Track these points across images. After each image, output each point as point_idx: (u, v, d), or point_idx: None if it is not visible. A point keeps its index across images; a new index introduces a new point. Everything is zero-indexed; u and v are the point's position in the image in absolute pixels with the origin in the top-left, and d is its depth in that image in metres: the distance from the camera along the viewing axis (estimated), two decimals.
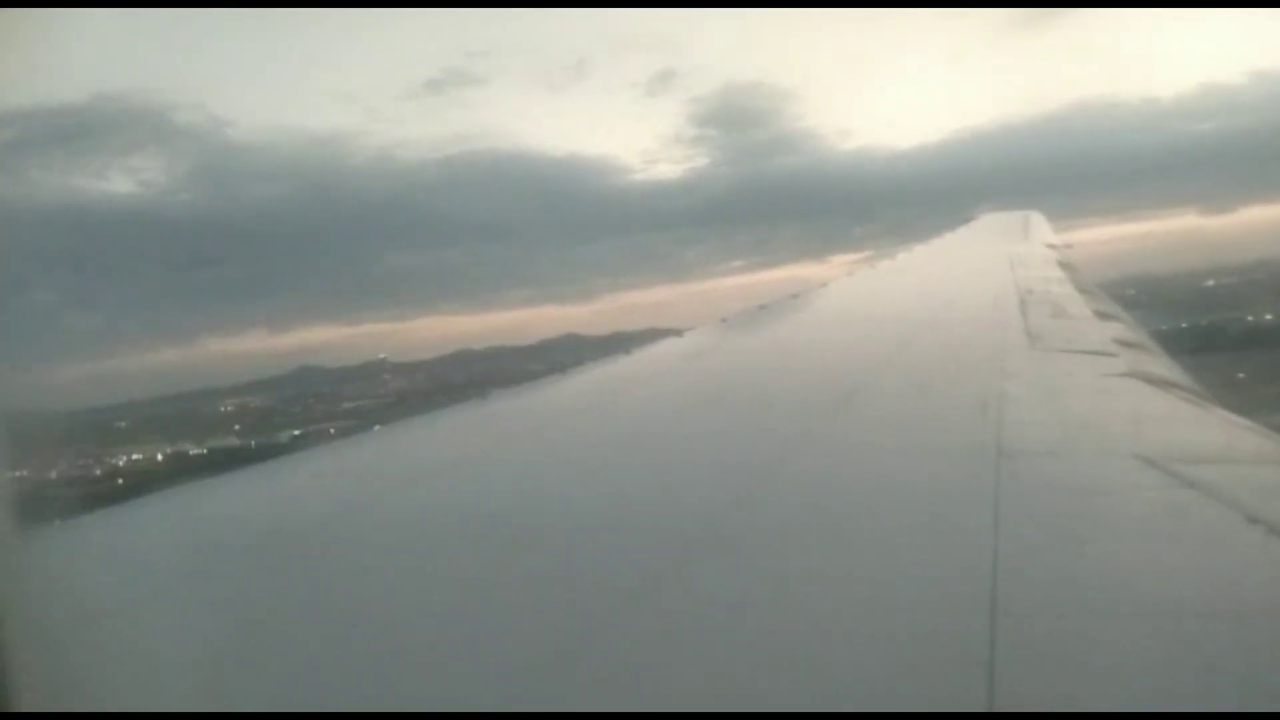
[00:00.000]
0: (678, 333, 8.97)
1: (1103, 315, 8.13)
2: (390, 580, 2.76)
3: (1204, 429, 4.09)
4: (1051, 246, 15.58)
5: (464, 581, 2.70)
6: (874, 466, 3.74)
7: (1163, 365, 6.08)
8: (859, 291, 12.52)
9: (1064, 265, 12.62)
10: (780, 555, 2.76)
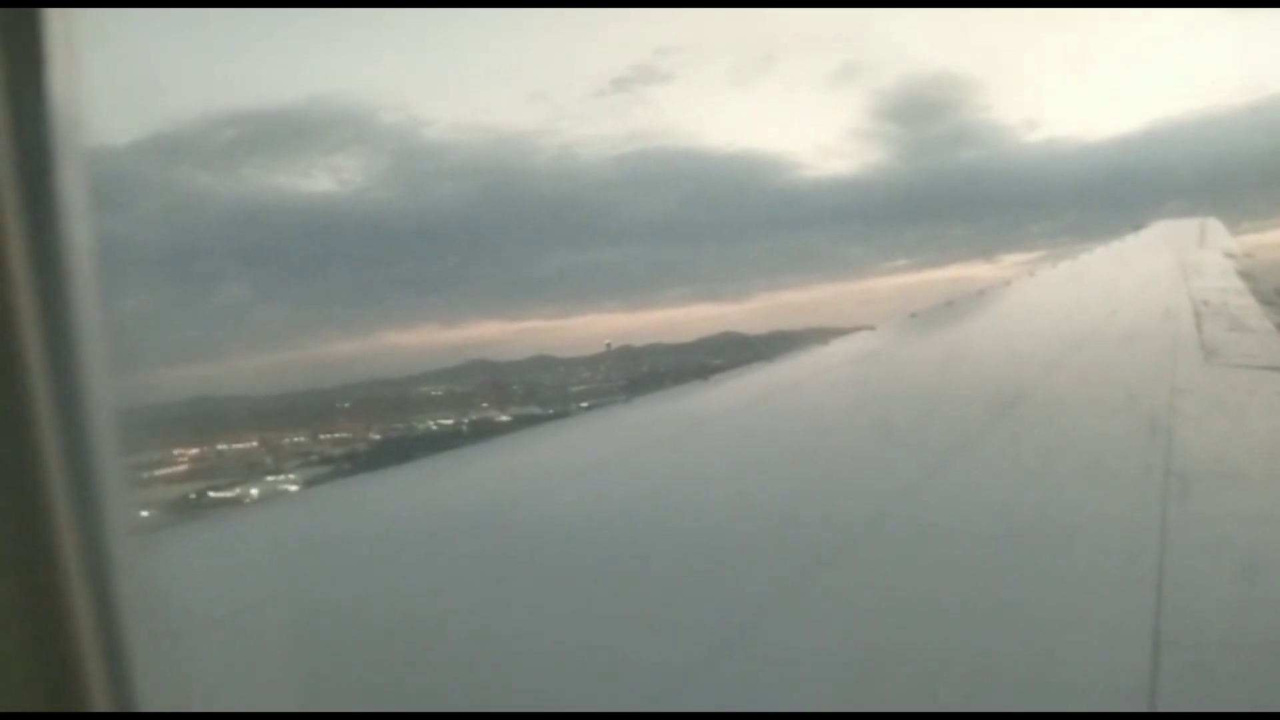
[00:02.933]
0: (842, 332, 9.25)
1: None
2: (549, 580, 2.84)
3: None
4: (1230, 255, 14.59)
5: (634, 578, 2.80)
6: (1033, 482, 3.63)
7: None
8: (1030, 297, 12.17)
9: (1244, 275, 11.80)
10: (925, 566, 2.74)
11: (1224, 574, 2.52)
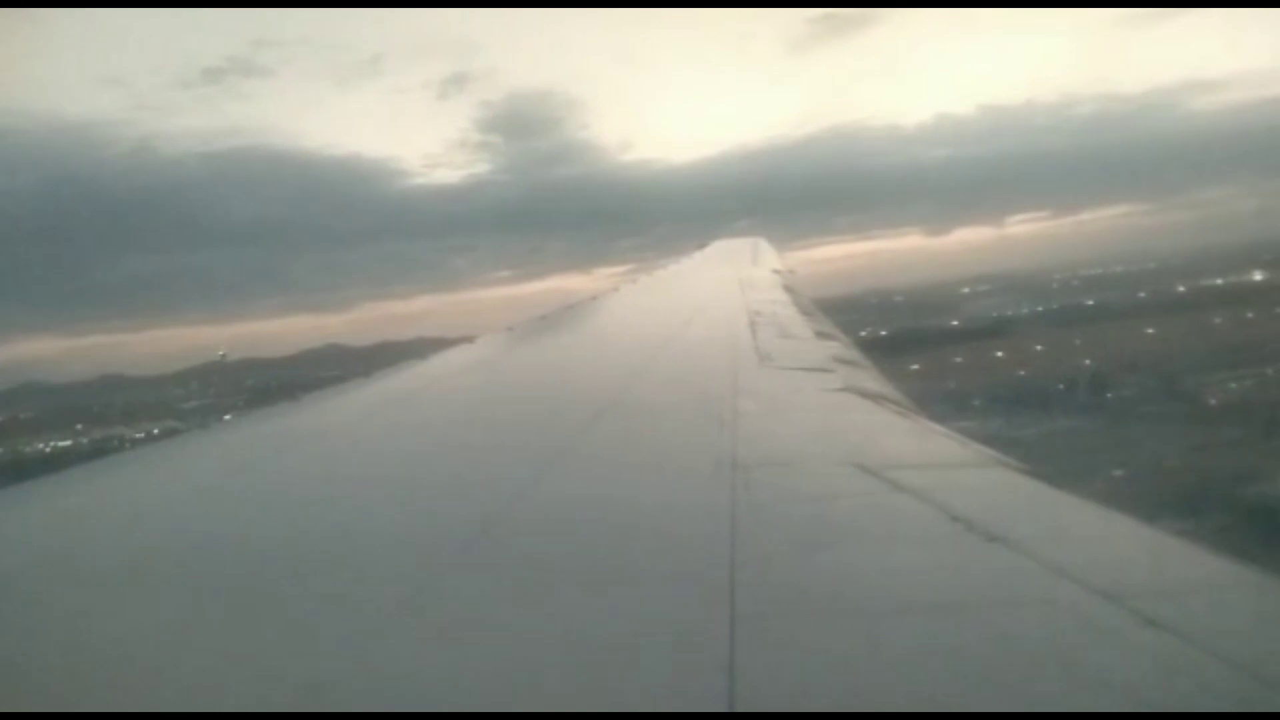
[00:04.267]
0: (449, 343, 9.17)
1: (822, 335, 8.79)
2: (131, 624, 2.58)
3: (910, 437, 4.52)
4: (776, 271, 16.69)
5: (241, 603, 2.69)
6: (621, 485, 3.83)
7: (874, 379, 6.66)
8: (613, 310, 12.93)
9: (788, 289, 13.55)
10: (527, 572, 2.81)
11: (785, 548, 2.83)
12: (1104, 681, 1.91)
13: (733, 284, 13.98)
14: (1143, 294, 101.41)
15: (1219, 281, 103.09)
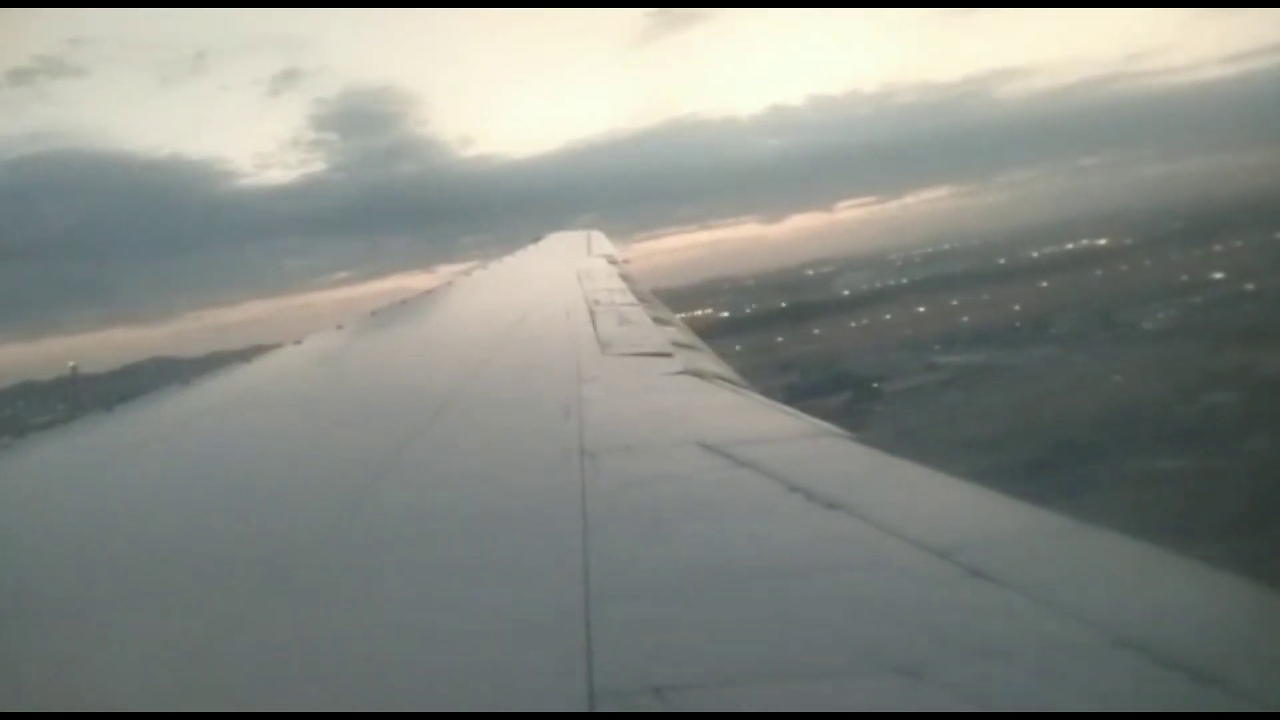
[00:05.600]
0: (294, 343, 8.81)
1: (659, 321, 8.93)
2: None
3: (747, 414, 4.65)
4: (613, 261, 16.83)
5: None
6: (469, 478, 3.78)
7: (711, 361, 6.81)
8: (451, 305, 12.70)
9: (624, 278, 13.69)
10: (374, 571, 2.74)
11: (636, 530, 2.86)
12: (936, 631, 2.03)
13: (570, 275, 14.01)
14: (1002, 260, 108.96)
15: (1070, 246, 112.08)
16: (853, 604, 2.22)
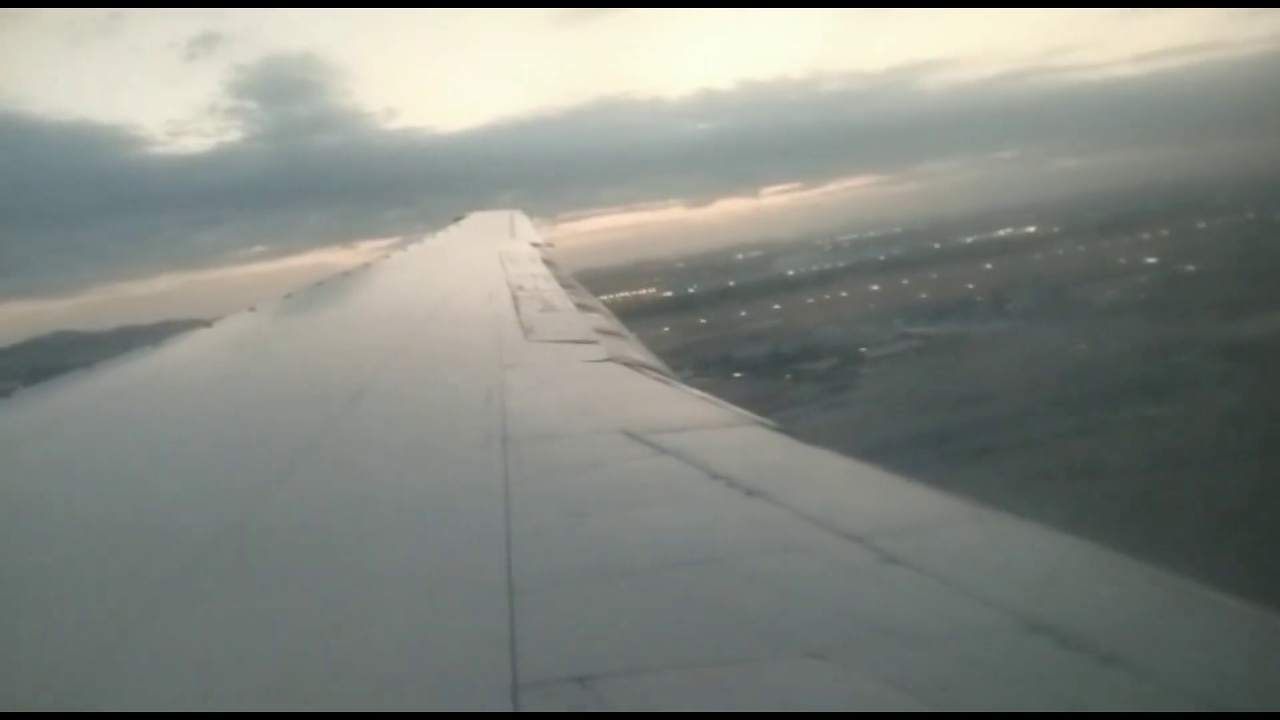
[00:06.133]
0: (200, 325, 8.43)
1: (583, 307, 8.92)
2: None
3: (671, 402, 4.69)
4: (535, 244, 16.71)
5: None
6: (388, 466, 3.73)
7: (635, 348, 6.84)
8: (369, 287, 12.44)
9: (547, 262, 13.62)
10: (291, 564, 2.69)
11: (559, 518, 2.87)
12: (850, 615, 2.09)
13: (492, 258, 13.86)
14: (938, 245, 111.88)
15: (1001, 233, 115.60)
16: (771, 589, 2.27)
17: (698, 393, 4.93)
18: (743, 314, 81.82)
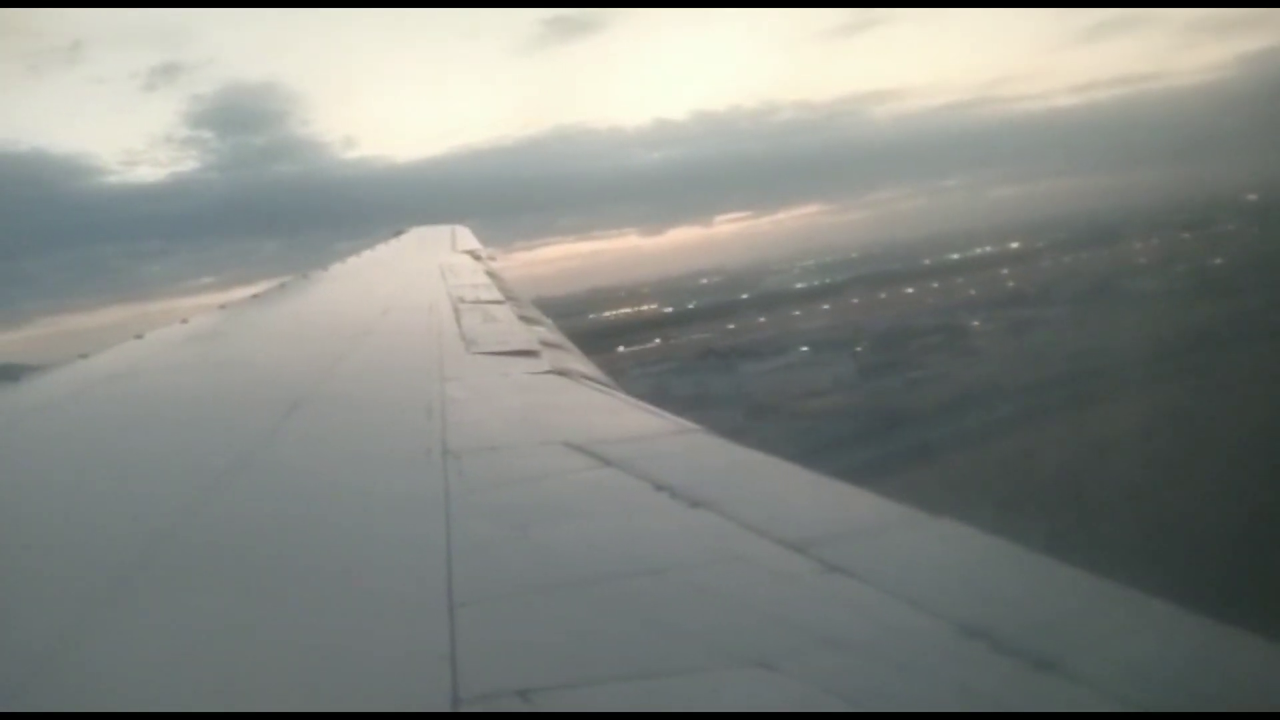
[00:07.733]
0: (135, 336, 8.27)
1: (527, 319, 8.87)
2: None
3: (614, 414, 4.68)
4: (478, 258, 16.59)
5: None
6: (326, 478, 3.66)
7: (578, 361, 6.82)
8: (307, 297, 12.23)
9: (490, 274, 13.53)
10: (229, 577, 2.62)
11: (501, 531, 2.84)
12: (793, 624, 2.10)
13: (433, 270, 13.73)
14: (896, 265, 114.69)
15: (977, 251, 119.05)
16: (715, 600, 2.27)
17: (639, 403, 4.93)
18: (795, 312, 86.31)
